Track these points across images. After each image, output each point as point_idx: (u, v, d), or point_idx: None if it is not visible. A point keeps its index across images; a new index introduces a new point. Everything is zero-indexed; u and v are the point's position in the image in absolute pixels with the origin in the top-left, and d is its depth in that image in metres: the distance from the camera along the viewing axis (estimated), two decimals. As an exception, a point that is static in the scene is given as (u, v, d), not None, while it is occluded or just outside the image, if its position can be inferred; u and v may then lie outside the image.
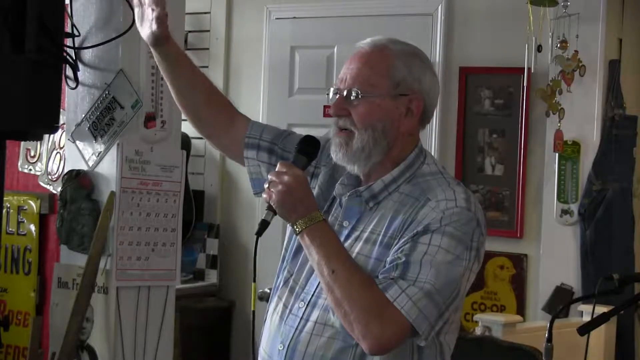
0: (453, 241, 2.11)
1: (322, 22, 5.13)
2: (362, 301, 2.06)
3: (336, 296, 2.08)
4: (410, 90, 2.21)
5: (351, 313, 2.06)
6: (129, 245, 3.45)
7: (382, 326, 2.05)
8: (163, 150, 3.49)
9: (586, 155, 4.52)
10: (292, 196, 2.13)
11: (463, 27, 4.83)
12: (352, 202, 2.25)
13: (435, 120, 4.84)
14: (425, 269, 2.07)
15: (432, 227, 2.11)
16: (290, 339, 2.19)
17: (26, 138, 3.29)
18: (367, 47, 2.23)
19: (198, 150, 5.48)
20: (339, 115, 2.23)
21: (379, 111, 2.20)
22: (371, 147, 2.20)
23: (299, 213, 2.14)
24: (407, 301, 2.05)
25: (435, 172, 2.26)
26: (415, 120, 2.24)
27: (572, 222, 4.54)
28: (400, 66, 2.20)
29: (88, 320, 3.46)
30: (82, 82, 3.48)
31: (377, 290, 2.07)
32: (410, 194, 2.19)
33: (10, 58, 2.92)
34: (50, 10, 3.00)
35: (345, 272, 2.08)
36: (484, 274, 4.71)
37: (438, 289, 2.07)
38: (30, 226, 4.51)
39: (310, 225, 2.13)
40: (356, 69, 2.21)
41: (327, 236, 2.14)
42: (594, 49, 4.47)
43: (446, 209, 2.13)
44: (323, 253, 2.11)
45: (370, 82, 2.20)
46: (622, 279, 2.92)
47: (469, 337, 3.76)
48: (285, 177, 2.13)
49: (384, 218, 2.18)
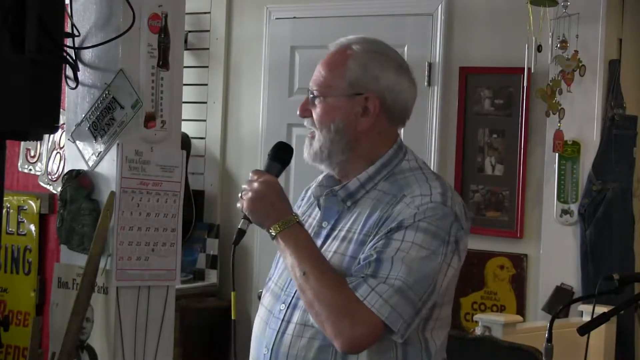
0: (427, 236, 2.11)
1: (322, 22, 5.13)
2: (331, 301, 2.07)
3: (308, 298, 2.10)
4: (366, 89, 2.22)
5: (322, 313, 2.08)
6: (129, 245, 3.45)
7: (352, 325, 2.06)
8: (163, 150, 3.49)
9: (586, 155, 4.52)
10: (262, 202, 2.16)
11: (463, 27, 4.83)
12: (330, 202, 2.27)
13: (435, 120, 4.85)
14: (397, 266, 2.07)
15: (406, 223, 2.11)
16: (273, 341, 2.21)
17: (26, 138, 3.28)
18: (332, 49, 2.29)
19: (198, 150, 5.48)
20: (304, 116, 2.28)
21: (333, 111, 2.22)
22: (329, 147, 2.22)
23: (271, 218, 2.17)
24: (377, 299, 2.06)
25: (415, 168, 2.26)
26: (372, 119, 2.24)
27: (572, 222, 4.54)
28: (356, 66, 2.23)
29: (88, 320, 3.46)
30: (82, 82, 3.48)
31: (347, 289, 2.08)
32: (387, 192, 2.20)
33: (10, 58, 2.92)
34: (50, 10, 3.00)
35: (315, 273, 2.10)
36: (484, 274, 4.71)
37: (410, 286, 2.07)
38: (30, 226, 4.51)
39: (283, 229, 2.16)
40: (317, 71, 2.28)
41: (300, 239, 2.16)
42: (594, 49, 4.47)
43: (421, 204, 2.14)
44: (295, 255, 2.13)
45: (327, 83, 2.24)
46: (622, 279, 2.92)
47: (469, 337, 3.77)
48: (254, 185, 2.17)
49: (361, 216, 2.20)
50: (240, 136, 5.47)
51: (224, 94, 5.50)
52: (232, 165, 5.47)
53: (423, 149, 4.86)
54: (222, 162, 5.48)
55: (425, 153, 4.86)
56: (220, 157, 5.48)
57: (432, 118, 4.86)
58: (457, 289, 2.21)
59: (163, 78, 3.48)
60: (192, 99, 5.43)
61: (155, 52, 3.46)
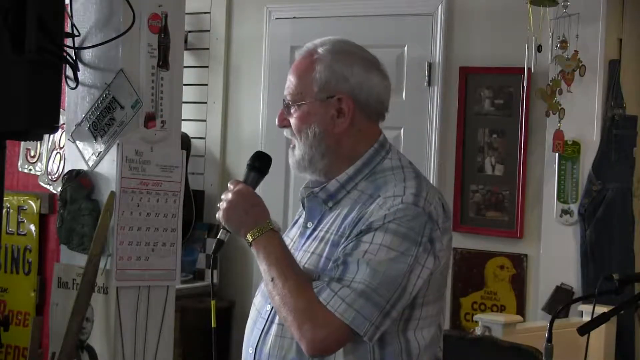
0: (397, 238, 2.10)
1: (322, 22, 5.13)
2: (294, 306, 2.10)
3: (276, 303, 2.15)
4: (337, 91, 2.22)
5: (287, 318, 2.12)
6: (129, 245, 3.44)
7: (314, 329, 2.08)
8: (163, 150, 3.49)
9: (586, 155, 4.52)
10: (235, 211, 2.20)
11: (463, 27, 4.83)
12: (312, 203, 2.29)
13: (435, 120, 4.85)
14: (362, 269, 2.08)
15: (375, 224, 2.11)
16: (257, 341, 2.24)
17: (26, 138, 3.29)
18: (299, 55, 2.29)
19: (198, 150, 5.48)
20: (283, 126, 2.29)
21: (308, 117, 2.23)
22: (310, 154, 2.23)
23: (246, 226, 2.20)
24: (340, 303, 2.07)
25: (396, 167, 2.24)
26: (348, 120, 2.22)
27: (572, 222, 4.54)
28: (323, 69, 2.23)
29: (88, 320, 3.46)
30: (82, 82, 3.48)
31: (309, 294, 2.10)
32: (365, 191, 2.21)
33: (10, 58, 2.92)
34: (50, 10, 3.00)
35: (281, 279, 2.13)
36: (484, 274, 4.71)
37: (374, 288, 2.08)
38: (30, 226, 4.51)
39: (257, 236, 2.19)
40: (288, 80, 2.29)
41: (272, 246, 2.18)
42: (594, 49, 4.47)
43: (392, 205, 2.13)
44: (266, 262, 2.17)
45: (298, 90, 2.25)
46: (622, 279, 2.92)
47: (469, 337, 3.77)
48: (229, 195, 2.21)
49: (339, 216, 2.21)
50: (240, 136, 5.47)
51: (224, 94, 5.50)
52: (232, 165, 5.47)
53: (423, 149, 4.86)
54: (222, 162, 5.48)
55: (425, 153, 4.86)
56: (220, 157, 5.48)
57: (432, 118, 4.86)
58: (457, 289, 2.21)
59: (163, 78, 3.48)
60: (192, 99, 5.43)
61: (155, 52, 3.46)
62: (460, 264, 4.74)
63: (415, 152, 4.87)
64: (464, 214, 4.75)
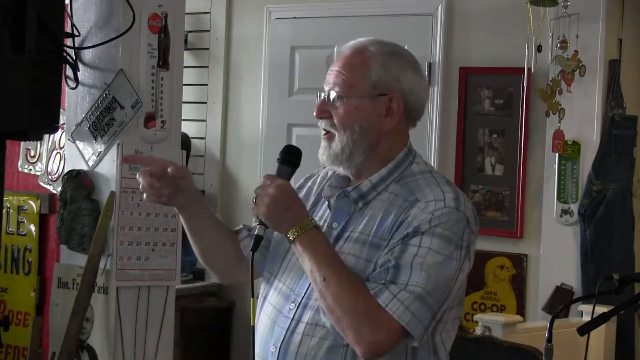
0: (443, 242, 2.12)
1: (322, 22, 5.13)
2: (353, 307, 2.08)
3: (328, 303, 2.10)
4: (389, 90, 2.23)
5: (343, 320, 2.09)
6: (129, 245, 3.45)
7: (374, 332, 2.07)
8: (163, 150, 3.49)
9: (586, 155, 4.52)
10: (277, 207, 2.15)
11: (463, 27, 4.83)
12: (341, 203, 2.27)
13: (435, 120, 4.85)
14: (416, 273, 2.09)
15: (422, 228, 2.12)
16: (282, 340, 2.21)
17: (26, 138, 3.28)
18: (348, 51, 2.28)
19: (198, 150, 5.48)
20: (321, 117, 2.27)
21: (357, 112, 2.23)
22: (351, 148, 2.23)
23: (288, 222, 2.16)
24: (399, 306, 2.07)
25: (425, 172, 2.26)
26: (396, 120, 2.25)
27: (572, 222, 4.54)
28: (377, 67, 2.23)
29: (88, 320, 3.46)
30: (82, 82, 3.48)
31: (368, 296, 2.09)
32: (399, 194, 2.21)
33: (10, 58, 2.92)
34: (50, 10, 3.00)
35: (336, 279, 2.10)
36: (484, 274, 4.71)
37: (429, 292, 2.09)
38: (30, 226, 4.50)
39: (301, 233, 2.15)
40: (336, 71, 2.27)
41: (318, 244, 2.15)
42: (594, 49, 4.47)
43: (435, 209, 2.14)
44: (314, 261, 2.13)
45: (349, 84, 2.23)
46: (622, 279, 2.91)
47: (469, 337, 3.76)
48: (269, 190, 2.15)
49: (374, 218, 2.20)
50: (240, 136, 5.47)
51: (224, 94, 5.50)
52: (232, 165, 5.47)
53: (423, 149, 4.86)
54: (222, 162, 5.48)
55: (425, 153, 4.86)
56: (220, 157, 5.48)
57: (432, 118, 4.86)
58: (457, 288, 2.22)
59: (163, 78, 3.48)
60: (192, 99, 5.43)
61: (155, 52, 3.46)
62: (460, 264, 4.75)
63: (415, 152, 4.88)
64: (464, 214, 4.75)
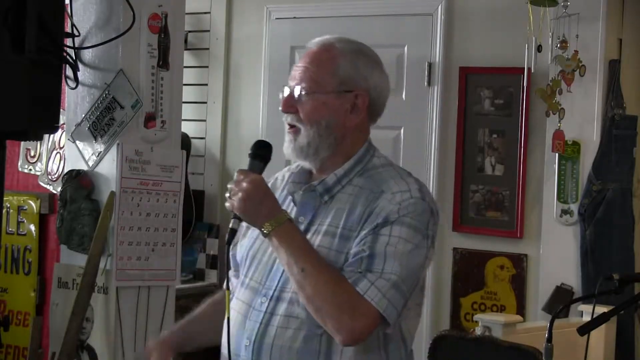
0: (411, 231, 2.19)
1: (322, 22, 5.13)
2: (333, 296, 2.14)
3: (307, 293, 2.15)
4: (356, 87, 2.29)
5: (323, 309, 2.14)
6: (129, 245, 3.45)
7: (354, 319, 2.13)
8: (163, 150, 3.49)
9: (586, 155, 4.52)
10: (252, 201, 2.20)
11: (463, 27, 4.83)
12: (307, 197, 2.32)
13: (435, 120, 4.85)
14: (390, 261, 2.15)
15: (391, 218, 2.19)
16: (255, 334, 2.24)
17: (26, 138, 3.29)
18: (315, 47, 2.33)
19: (198, 150, 5.48)
20: (288, 112, 2.32)
21: (324, 108, 2.28)
22: (317, 143, 2.28)
23: (263, 216, 2.20)
24: (377, 293, 2.13)
25: (386, 165, 2.33)
26: (361, 116, 2.31)
27: (572, 222, 4.54)
28: (346, 64, 2.29)
29: (88, 320, 3.46)
30: (82, 82, 3.48)
31: (347, 284, 2.14)
32: (364, 187, 2.27)
33: (10, 58, 2.92)
34: (50, 10, 3.00)
35: (314, 270, 2.15)
36: (484, 274, 4.71)
37: (403, 279, 2.16)
38: (30, 226, 4.50)
39: (276, 227, 2.19)
40: (303, 67, 2.32)
41: (294, 236, 2.20)
42: (594, 49, 4.46)
43: (402, 200, 2.21)
44: (291, 253, 2.17)
45: (316, 79, 2.29)
46: (622, 279, 2.91)
47: (469, 337, 3.76)
48: (243, 184, 2.20)
49: (341, 211, 2.25)
50: (240, 136, 5.47)
51: (224, 94, 5.50)
52: (232, 165, 5.47)
53: (423, 149, 4.86)
54: (222, 162, 5.48)
55: (425, 153, 4.86)
56: (220, 157, 5.48)
57: (432, 118, 4.86)
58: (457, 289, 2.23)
59: (163, 78, 3.49)
60: (192, 99, 5.43)
61: (155, 52, 3.46)
62: (460, 264, 4.74)
63: (415, 152, 4.87)
64: (464, 214, 4.75)
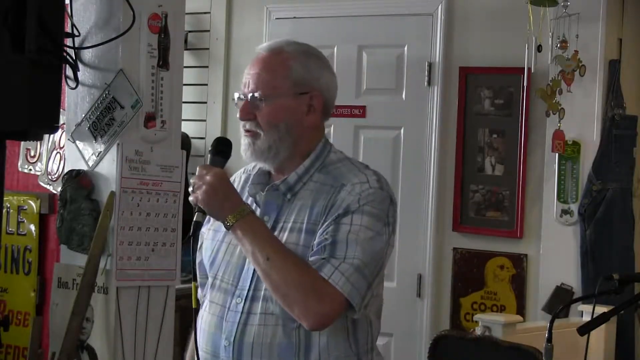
0: (372, 219, 2.26)
1: (322, 22, 5.13)
2: (298, 282, 2.19)
3: (273, 281, 2.20)
4: (310, 88, 2.35)
5: (289, 295, 2.19)
6: (129, 245, 3.45)
7: (320, 303, 2.18)
8: (163, 150, 3.49)
9: (586, 155, 4.52)
10: (216, 194, 2.27)
11: (463, 27, 4.83)
12: (270, 197, 2.37)
13: (435, 120, 4.85)
14: (352, 247, 2.21)
15: (352, 208, 2.25)
16: (234, 333, 2.28)
17: (26, 138, 3.28)
18: (265, 52, 2.41)
19: (198, 150, 5.48)
20: (246, 119, 2.38)
21: (282, 111, 2.34)
22: (278, 145, 2.34)
23: (226, 209, 2.26)
24: (340, 277, 2.19)
25: (343, 159, 2.40)
26: (317, 116, 2.37)
27: (572, 222, 4.54)
28: (298, 66, 2.35)
29: (88, 320, 3.46)
30: (82, 82, 3.48)
31: (311, 270, 2.20)
32: (324, 182, 2.33)
33: (10, 58, 2.92)
34: (50, 10, 3.00)
35: (279, 257, 2.20)
36: (484, 274, 4.71)
37: (366, 264, 2.22)
38: (30, 226, 4.51)
39: (239, 219, 2.24)
40: (257, 74, 2.37)
41: (257, 226, 2.25)
42: (594, 49, 4.47)
43: (362, 191, 2.28)
44: (256, 243, 2.22)
45: (271, 84, 2.34)
46: (622, 279, 2.91)
47: (469, 337, 3.77)
48: (207, 178, 2.30)
49: (304, 207, 2.31)
50: (240, 136, 5.46)
51: (224, 94, 5.50)
52: (232, 166, 5.45)
53: (423, 149, 4.86)
54: (222, 162, 5.48)
55: (425, 153, 4.86)
56: (220, 157, 5.48)
57: (432, 118, 4.86)
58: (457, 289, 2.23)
59: (163, 78, 3.48)
60: (192, 99, 5.43)
61: (155, 52, 3.46)
62: (460, 264, 4.75)
63: (415, 152, 4.87)
64: (464, 214, 4.75)
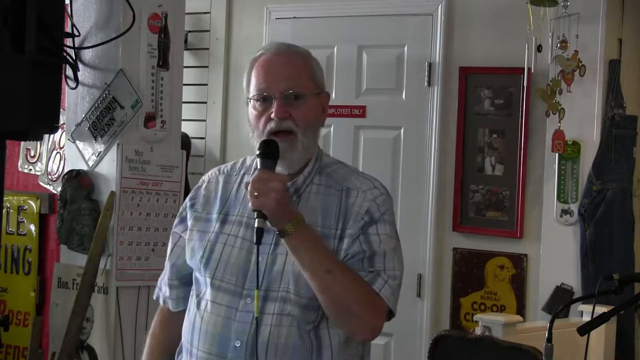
0: (392, 227, 2.30)
1: (322, 22, 5.13)
2: (359, 296, 2.20)
3: (335, 294, 2.19)
4: (322, 88, 2.37)
5: (351, 308, 2.20)
6: (129, 245, 3.45)
7: (376, 317, 2.23)
8: (163, 150, 3.49)
9: (586, 155, 4.52)
10: (284, 201, 2.19)
11: (463, 27, 4.83)
12: None
13: (435, 120, 4.85)
14: (389, 258, 2.26)
15: (375, 216, 2.27)
16: (247, 334, 2.24)
17: (26, 138, 3.29)
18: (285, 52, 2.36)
19: (198, 150, 5.48)
20: (285, 117, 2.28)
21: (313, 110, 2.33)
22: (311, 145, 2.33)
23: (287, 217, 2.19)
24: (389, 290, 2.23)
25: (335, 162, 2.40)
26: (326, 115, 2.39)
27: (572, 222, 4.54)
28: (315, 67, 2.37)
29: (88, 320, 3.47)
30: (82, 82, 3.48)
31: (367, 284, 2.22)
32: (328, 185, 2.32)
33: (10, 58, 2.92)
34: (50, 11, 3.00)
35: (339, 270, 2.20)
36: (484, 274, 4.71)
37: (401, 274, 2.28)
38: (30, 226, 4.51)
39: (297, 227, 2.19)
40: (284, 73, 2.31)
41: (315, 237, 2.22)
42: (594, 49, 4.46)
43: (375, 197, 2.30)
44: (314, 254, 2.20)
45: (302, 84, 2.32)
46: (622, 279, 2.91)
47: (469, 337, 3.76)
48: (273, 184, 2.17)
49: (315, 210, 2.28)
50: (240, 136, 5.47)
51: (224, 94, 5.50)
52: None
53: (423, 149, 4.86)
54: (222, 162, 5.48)
55: (425, 153, 4.86)
56: (220, 157, 5.48)
57: (432, 118, 4.86)
58: (457, 289, 2.23)
59: (163, 78, 3.49)
60: (192, 99, 5.43)
61: (155, 52, 3.47)
62: (460, 264, 4.74)
63: (415, 152, 4.87)
64: (464, 214, 4.75)
